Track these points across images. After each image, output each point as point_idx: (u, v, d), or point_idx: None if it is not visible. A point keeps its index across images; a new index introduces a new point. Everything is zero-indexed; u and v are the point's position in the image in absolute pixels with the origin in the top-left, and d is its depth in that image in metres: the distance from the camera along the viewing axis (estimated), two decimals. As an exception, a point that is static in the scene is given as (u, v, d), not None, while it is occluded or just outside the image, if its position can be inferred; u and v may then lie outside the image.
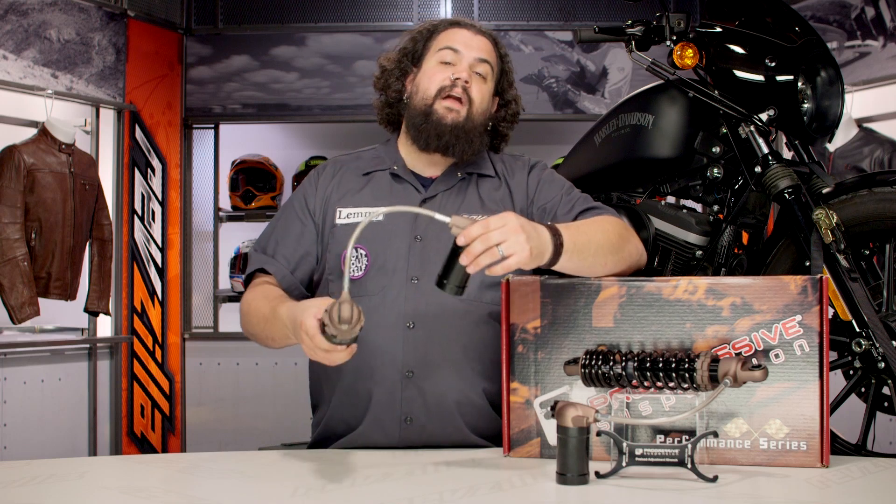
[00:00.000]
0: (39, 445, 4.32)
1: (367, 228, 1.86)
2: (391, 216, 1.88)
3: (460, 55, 1.93)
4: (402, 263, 1.85)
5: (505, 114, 2.03)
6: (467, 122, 1.90)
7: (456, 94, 1.90)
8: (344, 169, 1.99)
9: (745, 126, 1.99)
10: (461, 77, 1.91)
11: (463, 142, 1.91)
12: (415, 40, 2.01)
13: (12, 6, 4.31)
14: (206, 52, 5.28)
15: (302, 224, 1.94)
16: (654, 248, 2.10)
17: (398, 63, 2.00)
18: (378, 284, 1.85)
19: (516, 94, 2.05)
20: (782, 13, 2.04)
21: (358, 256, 1.86)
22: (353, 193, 1.95)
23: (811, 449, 1.54)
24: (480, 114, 1.93)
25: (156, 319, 5.06)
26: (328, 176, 1.99)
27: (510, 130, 2.06)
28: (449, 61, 1.93)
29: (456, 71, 1.92)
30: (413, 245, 1.86)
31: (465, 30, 1.97)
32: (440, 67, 1.93)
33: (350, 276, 1.82)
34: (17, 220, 4.09)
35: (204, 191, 5.28)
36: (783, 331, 1.55)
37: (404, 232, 1.87)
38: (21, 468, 1.60)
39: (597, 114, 5.03)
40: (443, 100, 1.90)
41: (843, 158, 4.16)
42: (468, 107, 1.91)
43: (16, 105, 4.34)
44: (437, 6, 5.35)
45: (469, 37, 1.96)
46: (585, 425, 1.45)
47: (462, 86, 1.90)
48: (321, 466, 1.64)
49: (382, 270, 1.85)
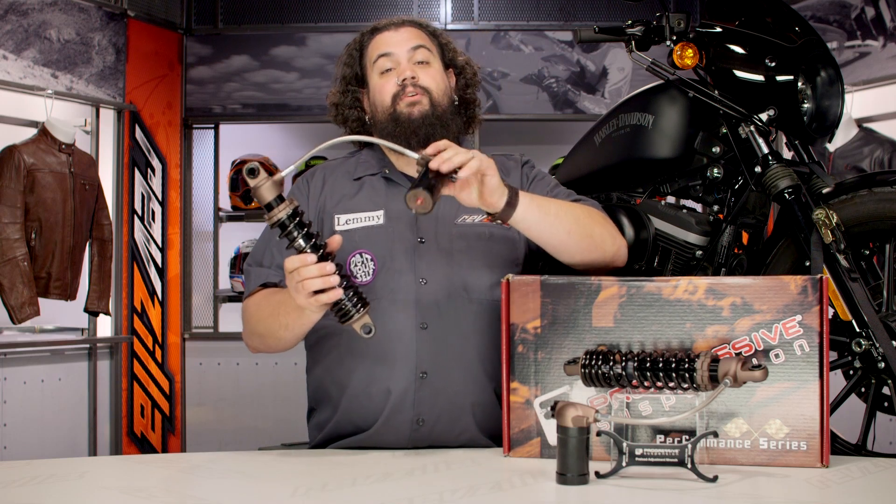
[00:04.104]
0: (39, 445, 4.32)
1: (370, 233, 1.88)
2: (391, 219, 1.88)
3: (394, 56, 1.94)
4: (409, 265, 1.85)
5: (465, 80, 2.04)
6: (435, 109, 1.91)
7: (410, 93, 1.91)
8: (334, 175, 1.99)
9: (745, 126, 1.99)
10: (406, 77, 1.91)
11: (439, 127, 1.91)
12: (349, 65, 2.02)
13: (12, 6, 4.31)
14: (206, 52, 5.28)
15: None
16: (654, 248, 2.10)
17: (345, 94, 2.01)
18: (387, 288, 1.84)
19: (466, 58, 2.06)
20: (782, 13, 2.04)
21: (364, 262, 1.86)
22: (349, 199, 1.94)
23: (811, 449, 1.54)
24: (442, 94, 1.94)
25: (156, 319, 5.07)
26: (318, 183, 1.98)
27: (476, 93, 2.07)
28: (389, 68, 1.94)
29: (399, 73, 1.92)
30: (417, 247, 1.87)
31: (386, 31, 1.97)
32: (384, 78, 1.94)
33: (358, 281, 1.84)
34: (17, 220, 4.09)
35: (204, 191, 5.29)
36: (783, 331, 1.55)
37: (406, 235, 1.88)
38: (21, 468, 1.60)
39: (597, 114, 5.03)
40: (401, 100, 1.91)
41: (843, 158, 4.17)
42: (428, 95, 1.92)
43: (16, 105, 4.34)
44: (436, 6, 5.35)
45: (393, 35, 1.96)
46: (585, 425, 1.45)
47: (411, 83, 1.91)
48: (321, 466, 1.64)
49: (390, 273, 1.85)
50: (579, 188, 2.31)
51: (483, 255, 1.88)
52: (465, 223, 1.90)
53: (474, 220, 1.90)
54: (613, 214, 2.13)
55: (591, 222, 1.82)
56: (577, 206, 1.88)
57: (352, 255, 1.86)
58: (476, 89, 2.06)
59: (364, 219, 1.90)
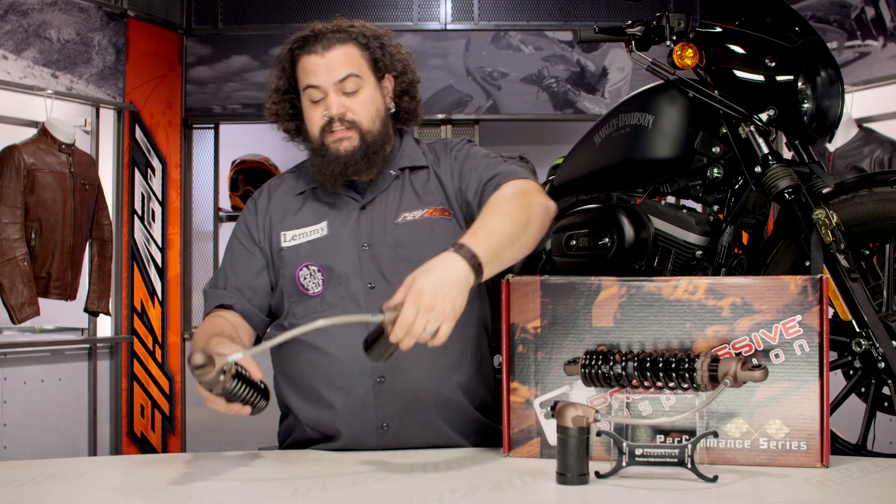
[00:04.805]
0: (39, 445, 4.32)
1: (315, 246, 1.87)
2: (333, 229, 1.87)
3: (322, 89, 1.86)
4: (356, 271, 1.84)
5: (403, 86, 1.96)
6: (364, 139, 1.86)
7: (337, 128, 1.85)
8: (278, 192, 1.97)
9: (745, 126, 1.99)
10: (333, 115, 1.85)
11: (367, 161, 1.87)
12: (282, 77, 1.95)
13: (12, 6, 4.31)
14: (206, 52, 5.28)
15: (250, 253, 1.93)
16: (654, 248, 2.10)
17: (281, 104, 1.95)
18: (337, 296, 1.84)
19: (405, 60, 1.96)
20: (782, 13, 2.04)
21: (312, 274, 1.86)
22: (293, 214, 1.92)
23: (811, 449, 1.54)
24: (373, 120, 1.88)
25: (156, 319, 5.07)
26: (264, 202, 1.96)
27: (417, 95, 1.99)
28: (317, 98, 1.87)
29: (326, 106, 1.86)
30: (362, 252, 1.85)
31: (314, 55, 1.88)
32: (313, 108, 1.88)
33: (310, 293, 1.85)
34: (17, 220, 4.09)
35: (204, 191, 5.29)
36: (783, 331, 1.55)
37: (350, 241, 1.86)
38: (21, 468, 1.60)
39: (597, 114, 5.03)
40: (329, 135, 1.86)
41: (843, 158, 4.17)
42: (356, 129, 1.86)
43: (16, 105, 4.34)
44: (436, 6, 5.35)
45: (320, 61, 1.87)
46: (585, 425, 1.45)
47: (338, 118, 1.85)
48: (321, 466, 1.64)
49: (338, 281, 1.84)
50: (579, 188, 2.32)
51: (428, 249, 1.79)
52: (406, 221, 1.87)
53: (415, 217, 1.87)
54: (613, 214, 2.13)
55: (526, 214, 1.71)
56: (508, 204, 1.73)
57: (299, 269, 1.86)
58: (416, 91, 1.99)
59: (309, 233, 1.89)
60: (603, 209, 2.19)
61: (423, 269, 1.53)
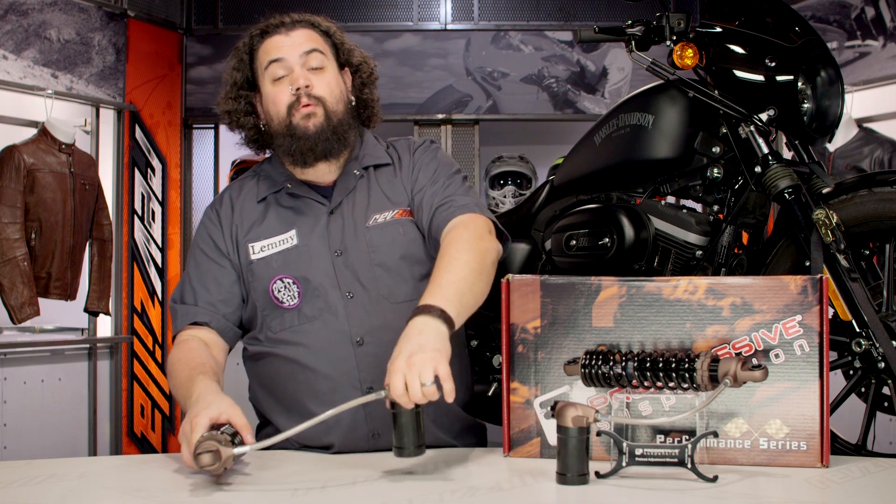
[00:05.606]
0: (39, 445, 4.32)
1: (286, 256, 1.83)
2: (303, 237, 1.82)
3: (286, 62, 1.84)
4: (332, 281, 1.80)
5: (361, 80, 1.95)
6: (330, 119, 1.83)
7: (304, 102, 1.82)
8: (241, 199, 1.92)
9: (745, 126, 1.99)
10: (300, 86, 1.82)
11: (337, 139, 1.84)
12: (239, 69, 1.91)
13: (12, 6, 4.31)
14: (206, 52, 5.29)
15: (219, 266, 1.87)
16: (654, 248, 2.10)
17: (237, 100, 1.92)
18: (315, 308, 1.80)
19: (362, 56, 1.96)
20: (782, 13, 2.04)
21: (287, 286, 1.81)
22: (258, 224, 1.87)
23: (811, 449, 1.54)
24: (337, 101, 1.86)
25: (156, 319, 5.07)
26: (227, 212, 1.90)
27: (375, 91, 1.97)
28: (281, 75, 1.84)
29: (292, 80, 1.83)
30: (336, 261, 1.81)
31: (277, 35, 1.87)
32: (277, 86, 1.84)
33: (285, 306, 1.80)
34: (17, 220, 4.09)
35: (204, 191, 5.29)
36: (783, 331, 1.55)
37: (322, 250, 1.82)
38: (21, 468, 1.60)
39: (597, 114, 5.03)
40: (296, 111, 1.83)
41: (843, 158, 4.17)
42: (322, 105, 1.83)
43: (16, 105, 4.34)
44: (436, 6, 5.35)
45: (284, 39, 1.86)
46: (585, 425, 1.45)
47: (305, 93, 1.82)
48: (321, 466, 1.64)
49: (315, 293, 1.80)
50: (579, 188, 2.32)
51: (402, 252, 1.83)
52: (377, 224, 1.84)
53: (386, 219, 1.85)
54: (613, 214, 2.13)
55: (481, 259, 1.71)
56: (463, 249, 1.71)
57: (273, 282, 1.81)
58: (373, 88, 1.97)
59: (278, 243, 1.84)
60: (603, 209, 2.19)
61: (400, 341, 1.53)
